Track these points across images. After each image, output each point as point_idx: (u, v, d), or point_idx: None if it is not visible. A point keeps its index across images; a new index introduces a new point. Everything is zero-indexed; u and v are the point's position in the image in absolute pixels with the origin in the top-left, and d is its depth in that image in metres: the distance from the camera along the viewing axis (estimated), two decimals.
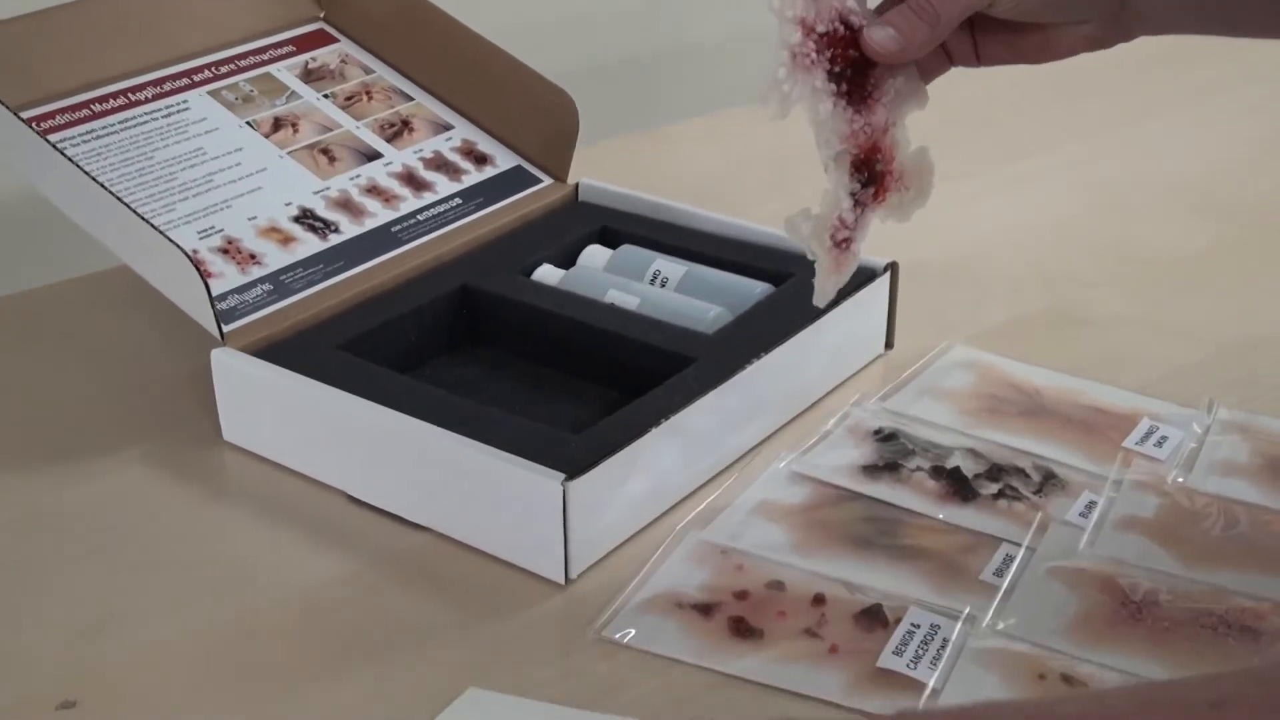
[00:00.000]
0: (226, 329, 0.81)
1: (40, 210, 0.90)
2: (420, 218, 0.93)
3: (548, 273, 0.90)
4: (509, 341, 0.87)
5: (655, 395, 0.76)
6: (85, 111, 0.91)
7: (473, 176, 0.97)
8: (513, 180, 0.98)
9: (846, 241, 0.66)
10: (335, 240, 0.89)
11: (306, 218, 0.90)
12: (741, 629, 0.67)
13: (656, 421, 0.73)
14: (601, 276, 0.89)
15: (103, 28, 0.94)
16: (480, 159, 0.99)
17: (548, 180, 1.00)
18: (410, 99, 1.02)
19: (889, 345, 0.90)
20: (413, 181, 0.95)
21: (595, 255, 0.92)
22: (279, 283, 0.85)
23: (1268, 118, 1.27)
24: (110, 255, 0.86)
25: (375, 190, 0.94)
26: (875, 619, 0.67)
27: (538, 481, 0.69)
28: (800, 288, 0.79)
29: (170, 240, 0.78)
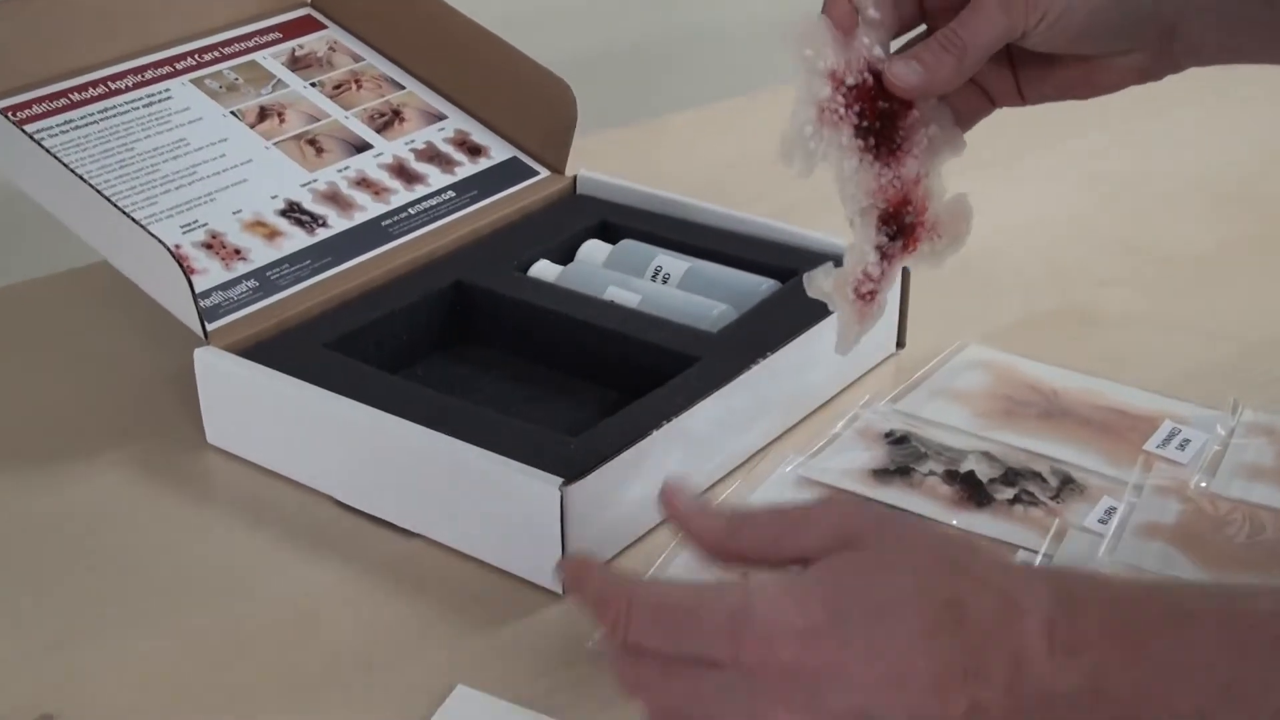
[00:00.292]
0: (210, 327, 0.81)
1: (16, 203, 0.90)
2: (412, 211, 0.93)
3: (545, 269, 0.90)
4: (504, 340, 0.87)
5: (657, 396, 0.76)
6: (63, 101, 0.91)
7: (466, 168, 0.97)
8: (508, 172, 0.98)
9: (871, 294, 0.66)
10: (323, 235, 0.89)
11: (293, 211, 0.90)
12: None
13: (658, 423, 0.73)
14: (601, 273, 0.89)
15: (81, 13, 0.94)
16: (474, 150, 0.99)
17: (545, 172, 0.99)
18: (401, 88, 1.02)
19: (900, 344, 0.90)
20: (404, 174, 0.95)
21: (594, 250, 0.92)
22: (265, 279, 0.85)
23: None
24: (89, 250, 0.85)
25: (365, 183, 0.94)
26: None
27: (534, 486, 0.69)
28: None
29: (152, 235, 0.78)
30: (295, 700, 0.65)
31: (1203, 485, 0.77)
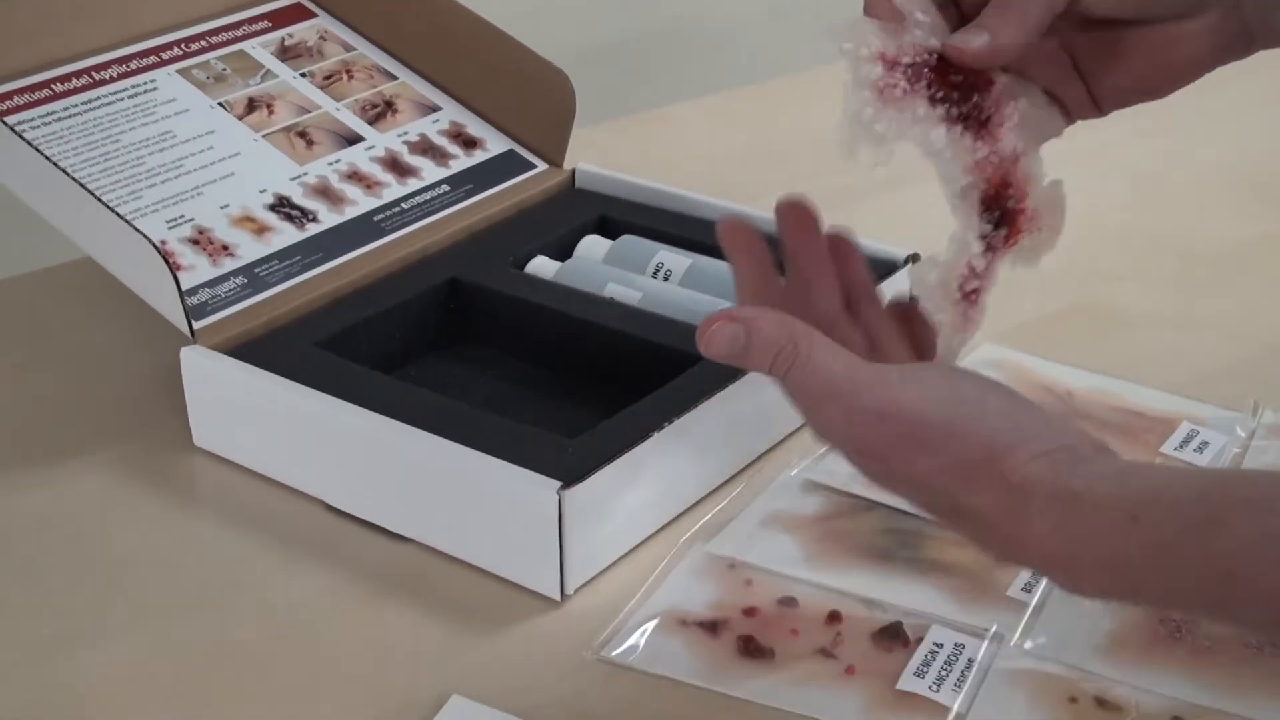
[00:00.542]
0: (197, 326, 0.81)
1: None
2: (405, 206, 0.93)
3: (542, 265, 0.90)
4: (501, 339, 0.87)
5: (658, 397, 0.76)
6: (46, 91, 0.91)
7: (461, 161, 0.97)
8: (504, 165, 0.98)
9: (975, 294, 0.61)
10: (314, 230, 0.89)
11: (283, 206, 0.90)
12: (751, 649, 0.67)
13: (659, 425, 0.73)
14: (600, 269, 0.89)
15: (64, 1, 0.94)
16: (469, 143, 0.99)
17: (542, 165, 0.99)
18: (394, 78, 1.02)
19: None
20: (397, 167, 0.95)
21: (593, 246, 0.92)
22: (253, 276, 0.85)
23: None
24: (72, 246, 0.85)
25: (356, 176, 0.94)
26: (895, 638, 0.67)
27: (531, 490, 0.69)
28: None
29: (137, 230, 0.78)
30: (284, 712, 0.65)
31: None
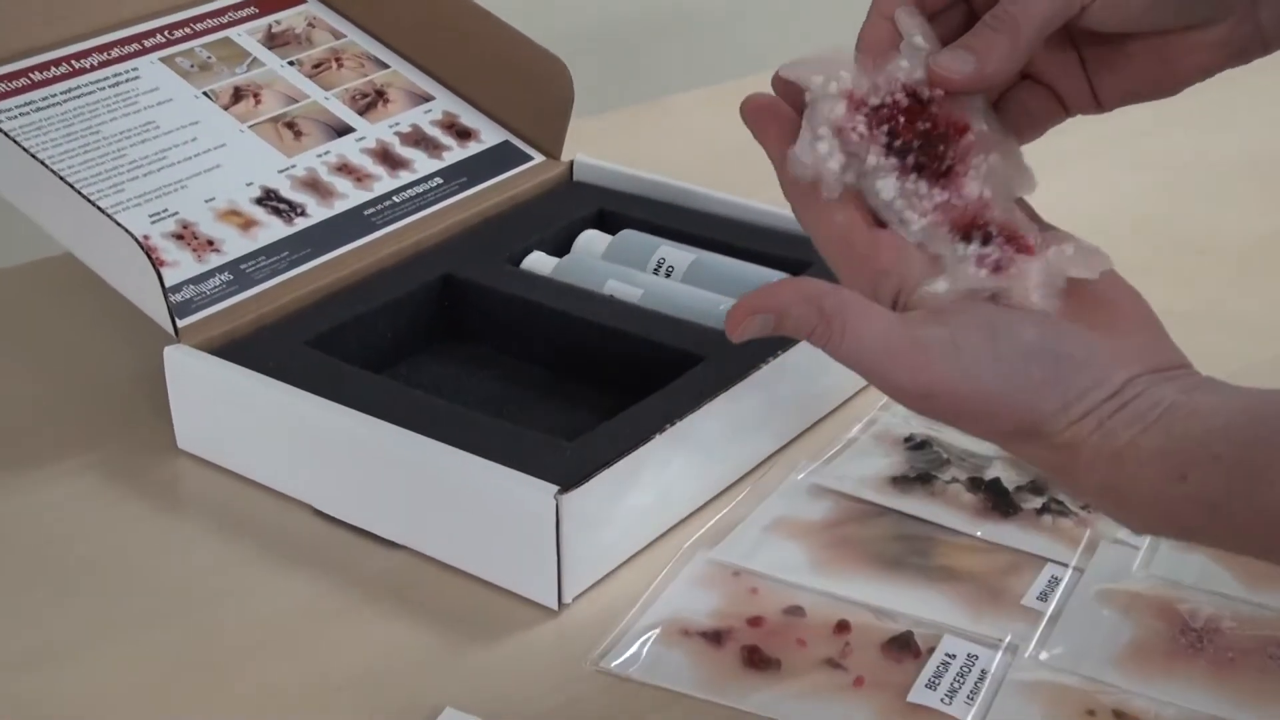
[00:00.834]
0: (181, 324, 0.81)
1: None
2: (397, 199, 0.93)
3: (539, 261, 0.90)
4: (496, 338, 0.87)
5: (659, 398, 0.76)
6: (23, 80, 0.91)
7: (455, 153, 0.97)
8: (500, 157, 0.98)
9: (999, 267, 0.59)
10: (302, 224, 0.89)
11: (270, 199, 0.90)
12: (756, 659, 0.67)
13: (661, 427, 0.73)
14: (599, 265, 0.89)
15: None
16: (463, 134, 0.99)
17: (539, 157, 0.99)
18: (385, 66, 1.02)
19: None
20: (388, 159, 0.95)
21: (592, 241, 0.92)
22: (239, 272, 0.85)
23: None
24: (51, 241, 0.85)
25: (346, 169, 0.94)
26: (905, 648, 0.67)
27: (528, 494, 0.69)
28: (821, 276, 0.79)
29: (118, 224, 0.78)
30: None
31: None
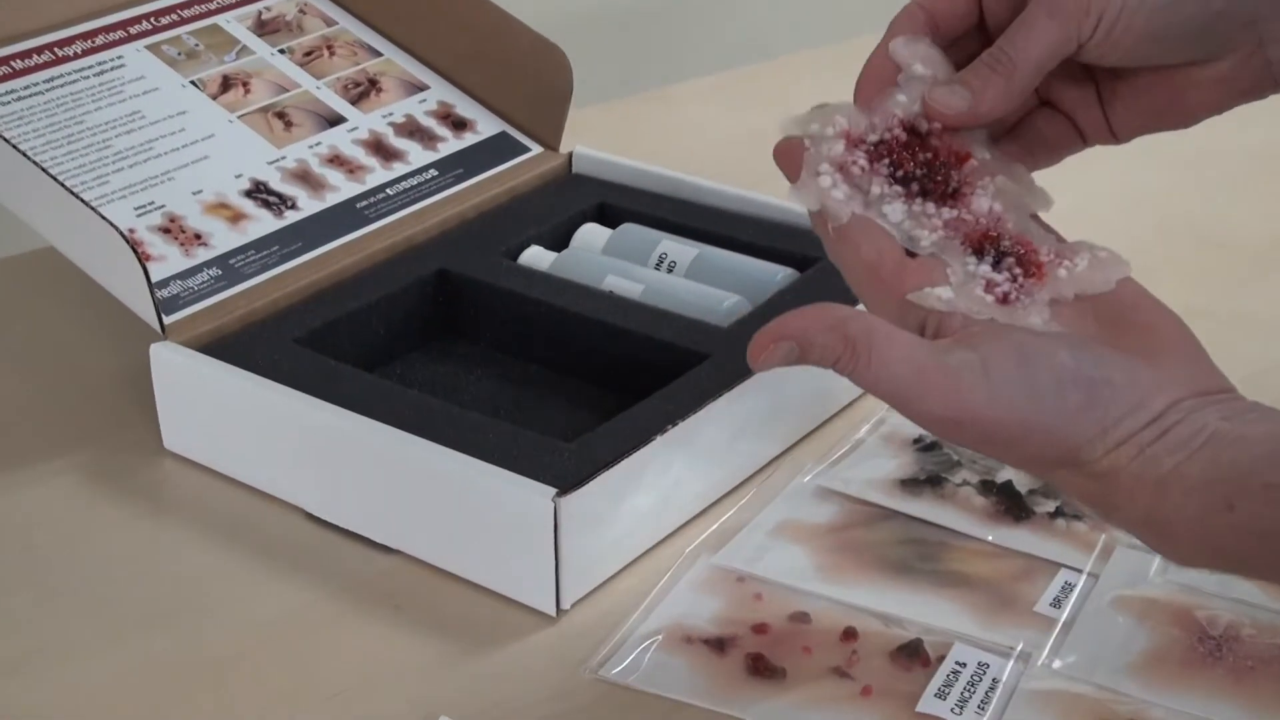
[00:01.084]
0: (168, 320, 0.81)
1: None
2: (390, 192, 0.93)
3: (537, 255, 0.90)
4: (492, 335, 0.87)
5: (661, 397, 0.76)
6: (5, 69, 0.91)
7: (451, 144, 0.97)
8: (496, 149, 0.98)
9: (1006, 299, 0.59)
10: (293, 218, 0.89)
11: (260, 192, 0.90)
12: (760, 668, 0.67)
13: (662, 428, 0.73)
14: (599, 260, 0.89)
15: None
16: (459, 124, 0.99)
17: (537, 149, 0.99)
18: (379, 54, 1.02)
19: None
20: (382, 150, 0.95)
21: (592, 235, 0.92)
22: (228, 267, 0.85)
23: None
24: (34, 235, 0.85)
25: (338, 160, 0.93)
26: (914, 656, 0.67)
27: (525, 497, 0.69)
28: (826, 273, 0.79)
29: (103, 218, 0.78)
30: None
31: None
